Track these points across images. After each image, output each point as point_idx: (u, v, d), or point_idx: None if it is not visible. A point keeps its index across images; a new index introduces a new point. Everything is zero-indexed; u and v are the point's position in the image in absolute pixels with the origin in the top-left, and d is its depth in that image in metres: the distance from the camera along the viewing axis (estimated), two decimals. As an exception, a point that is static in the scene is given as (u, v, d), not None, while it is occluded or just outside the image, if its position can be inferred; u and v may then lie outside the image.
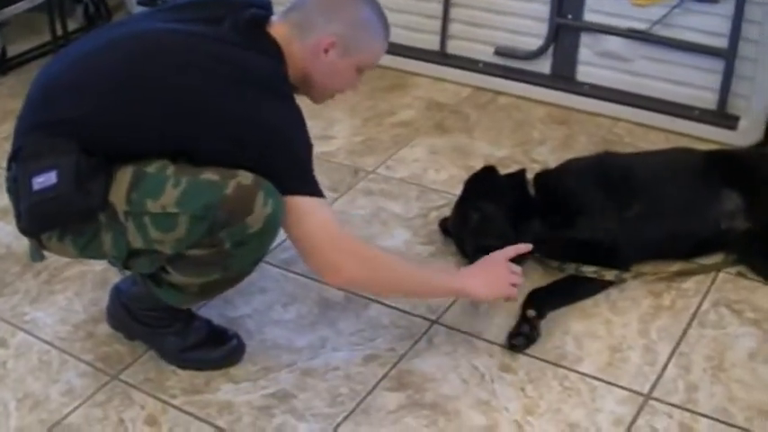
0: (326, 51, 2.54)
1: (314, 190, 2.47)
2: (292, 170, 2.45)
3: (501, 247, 2.86)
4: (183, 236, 2.38)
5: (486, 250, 2.87)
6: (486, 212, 3.08)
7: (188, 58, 2.41)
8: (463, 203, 3.20)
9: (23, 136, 2.47)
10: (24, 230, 2.49)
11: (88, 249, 2.50)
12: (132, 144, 2.42)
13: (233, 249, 2.41)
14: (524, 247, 2.83)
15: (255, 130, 2.40)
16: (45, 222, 2.44)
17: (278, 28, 2.54)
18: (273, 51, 2.49)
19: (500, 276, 2.72)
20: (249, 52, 2.45)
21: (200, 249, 2.41)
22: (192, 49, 2.43)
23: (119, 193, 2.40)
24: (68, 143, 2.37)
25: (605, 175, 3.16)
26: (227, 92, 2.38)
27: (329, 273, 2.52)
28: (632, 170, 3.21)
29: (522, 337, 2.79)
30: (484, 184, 3.19)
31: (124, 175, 2.41)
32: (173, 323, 2.74)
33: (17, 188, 2.43)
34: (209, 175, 2.38)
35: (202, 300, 2.70)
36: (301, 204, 2.44)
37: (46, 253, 2.59)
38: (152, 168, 2.41)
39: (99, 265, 3.13)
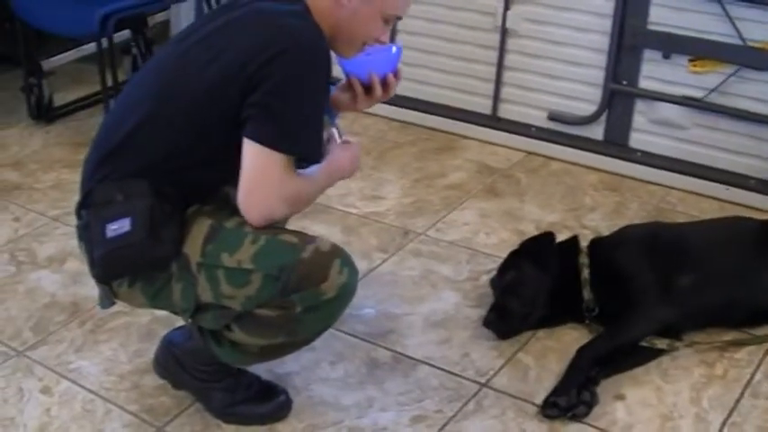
0: None
1: (295, 149, 2.38)
2: (286, 126, 2.35)
3: (521, 314, 2.98)
4: (254, 294, 2.38)
5: (504, 311, 2.97)
6: (522, 275, 3.09)
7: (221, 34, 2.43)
8: (510, 258, 3.20)
9: (90, 179, 2.49)
10: (98, 277, 2.50)
11: (158, 299, 2.50)
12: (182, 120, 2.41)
13: (303, 314, 2.39)
14: None
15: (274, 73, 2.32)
16: (119, 270, 2.45)
17: None
18: (299, 6, 2.44)
19: (351, 156, 2.61)
20: (277, 5, 2.42)
21: (269, 310, 2.40)
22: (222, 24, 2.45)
23: (194, 244, 2.41)
24: (139, 185, 2.39)
25: (660, 245, 3.15)
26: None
27: (260, 217, 2.39)
28: (688, 239, 3.21)
29: (557, 409, 2.75)
30: (537, 248, 3.18)
31: (200, 228, 2.42)
32: (224, 378, 2.72)
33: (89, 235, 2.43)
34: (289, 236, 2.39)
35: (259, 362, 2.67)
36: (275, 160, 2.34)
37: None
38: (230, 223, 2.42)
39: (145, 317, 3.13)
